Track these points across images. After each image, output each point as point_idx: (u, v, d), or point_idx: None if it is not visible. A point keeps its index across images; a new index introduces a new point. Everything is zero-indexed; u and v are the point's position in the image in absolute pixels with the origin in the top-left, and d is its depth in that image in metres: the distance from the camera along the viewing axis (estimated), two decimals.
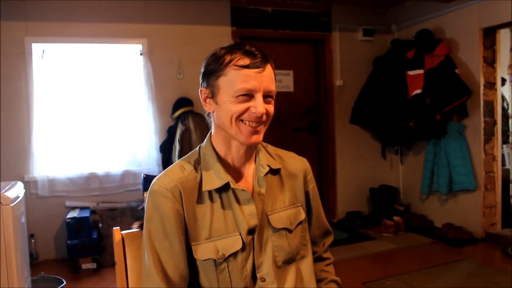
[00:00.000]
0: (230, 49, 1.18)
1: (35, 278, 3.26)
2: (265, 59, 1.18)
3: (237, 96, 1.14)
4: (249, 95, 1.15)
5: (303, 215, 1.33)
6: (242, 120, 1.16)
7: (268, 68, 1.18)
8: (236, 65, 1.15)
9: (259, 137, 1.19)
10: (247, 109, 1.15)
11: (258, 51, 1.18)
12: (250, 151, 1.28)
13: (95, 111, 4.36)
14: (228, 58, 1.16)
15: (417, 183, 5.09)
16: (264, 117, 1.17)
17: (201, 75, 1.23)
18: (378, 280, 3.45)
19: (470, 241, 4.28)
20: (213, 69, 1.18)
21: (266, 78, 1.17)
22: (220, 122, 1.21)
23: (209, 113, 1.26)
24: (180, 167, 1.24)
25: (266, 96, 1.18)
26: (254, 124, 1.17)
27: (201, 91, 1.23)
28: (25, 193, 2.90)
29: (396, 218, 4.75)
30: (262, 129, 1.20)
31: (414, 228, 4.77)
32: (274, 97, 1.22)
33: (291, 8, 5.03)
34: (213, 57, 1.20)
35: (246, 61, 1.15)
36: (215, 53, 1.20)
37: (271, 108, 1.19)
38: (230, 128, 1.18)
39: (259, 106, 1.15)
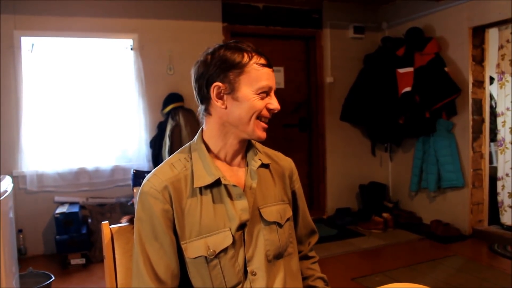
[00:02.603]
0: (241, 48, 1.20)
1: (23, 273, 3.23)
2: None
3: (259, 93, 1.20)
4: (267, 93, 1.22)
5: (290, 213, 1.34)
6: (258, 118, 1.22)
7: None
8: (258, 64, 1.20)
9: (265, 134, 1.26)
10: (265, 106, 1.22)
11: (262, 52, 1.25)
12: (243, 146, 1.29)
13: (85, 106, 4.33)
14: (246, 56, 1.20)
15: (406, 180, 5.13)
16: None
17: (213, 70, 1.20)
18: (367, 276, 3.48)
19: (457, 238, 4.33)
20: (233, 65, 1.19)
21: (274, 76, 1.25)
22: (233, 118, 1.22)
23: (205, 109, 1.25)
24: (170, 165, 1.25)
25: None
26: (267, 121, 1.25)
27: (215, 86, 1.20)
28: (14, 188, 2.87)
29: (385, 214, 4.78)
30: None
31: (403, 225, 4.80)
32: None
33: (282, 4, 5.03)
34: (222, 55, 1.20)
35: (264, 60, 1.21)
36: (224, 51, 1.20)
37: None
38: (247, 124, 1.21)
39: (276, 102, 1.24)
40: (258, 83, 1.19)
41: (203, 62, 1.22)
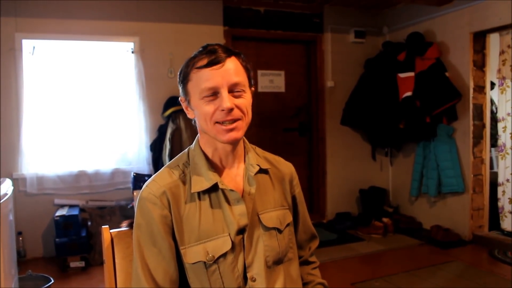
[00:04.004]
0: (195, 54, 1.21)
1: (23, 276, 3.23)
2: (226, 52, 1.18)
3: (203, 98, 1.17)
4: (214, 93, 1.16)
5: (290, 218, 1.33)
6: (218, 122, 1.17)
7: (231, 61, 1.18)
8: (196, 68, 1.18)
9: (237, 133, 1.19)
10: (217, 108, 1.16)
11: (219, 47, 1.18)
12: (238, 150, 1.28)
13: (86, 108, 4.34)
14: (191, 63, 1.19)
15: (406, 185, 5.12)
16: (237, 112, 1.17)
17: (179, 85, 1.27)
18: (367, 280, 3.47)
19: (457, 243, 4.32)
20: (183, 77, 1.22)
21: (228, 71, 1.16)
22: (200, 126, 1.23)
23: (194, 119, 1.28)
24: (169, 171, 1.25)
25: (234, 90, 1.17)
26: (228, 123, 1.16)
27: (181, 100, 1.27)
28: (14, 190, 2.87)
29: (385, 219, 4.78)
30: (240, 125, 1.19)
31: (403, 230, 4.79)
32: (247, 89, 1.21)
33: (283, 8, 5.04)
34: (184, 64, 1.23)
35: (204, 61, 1.17)
36: (187, 60, 1.23)
37: (242, 101, 1.18)
38: (209, 130, 1.20)
39: (225, 101, 1.14)
40: (199, 87, 1.16)
41: None
